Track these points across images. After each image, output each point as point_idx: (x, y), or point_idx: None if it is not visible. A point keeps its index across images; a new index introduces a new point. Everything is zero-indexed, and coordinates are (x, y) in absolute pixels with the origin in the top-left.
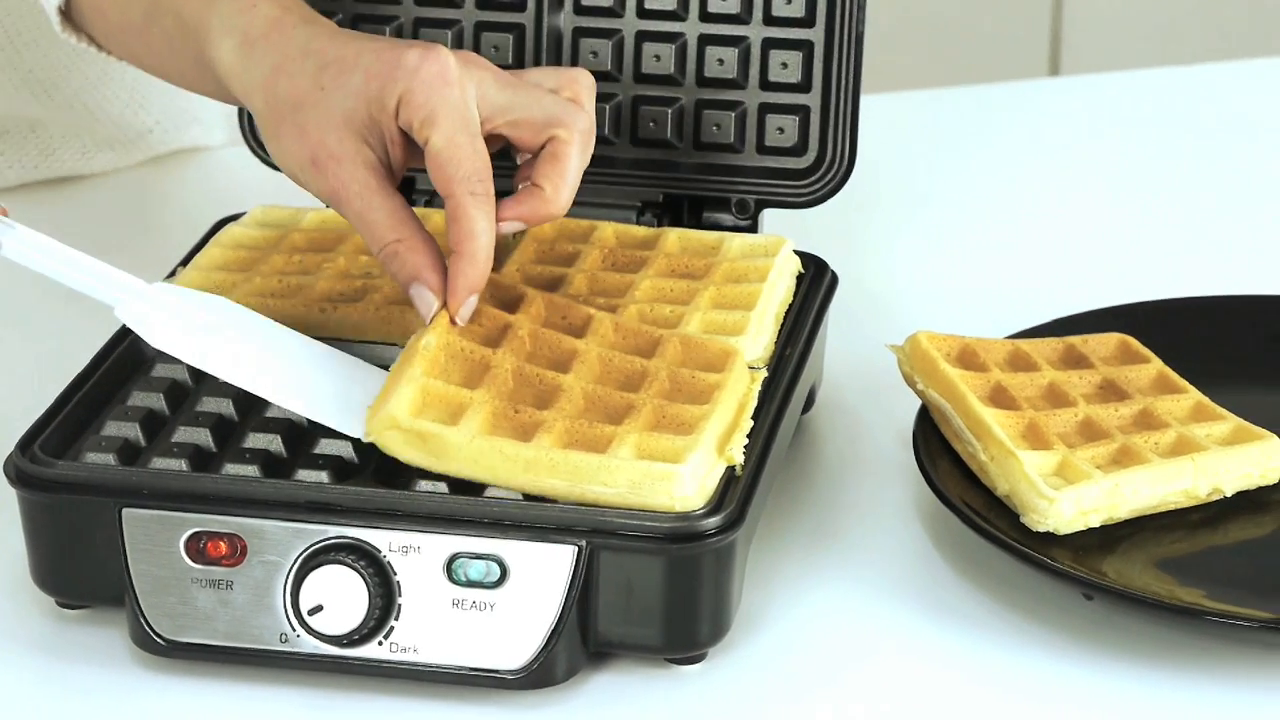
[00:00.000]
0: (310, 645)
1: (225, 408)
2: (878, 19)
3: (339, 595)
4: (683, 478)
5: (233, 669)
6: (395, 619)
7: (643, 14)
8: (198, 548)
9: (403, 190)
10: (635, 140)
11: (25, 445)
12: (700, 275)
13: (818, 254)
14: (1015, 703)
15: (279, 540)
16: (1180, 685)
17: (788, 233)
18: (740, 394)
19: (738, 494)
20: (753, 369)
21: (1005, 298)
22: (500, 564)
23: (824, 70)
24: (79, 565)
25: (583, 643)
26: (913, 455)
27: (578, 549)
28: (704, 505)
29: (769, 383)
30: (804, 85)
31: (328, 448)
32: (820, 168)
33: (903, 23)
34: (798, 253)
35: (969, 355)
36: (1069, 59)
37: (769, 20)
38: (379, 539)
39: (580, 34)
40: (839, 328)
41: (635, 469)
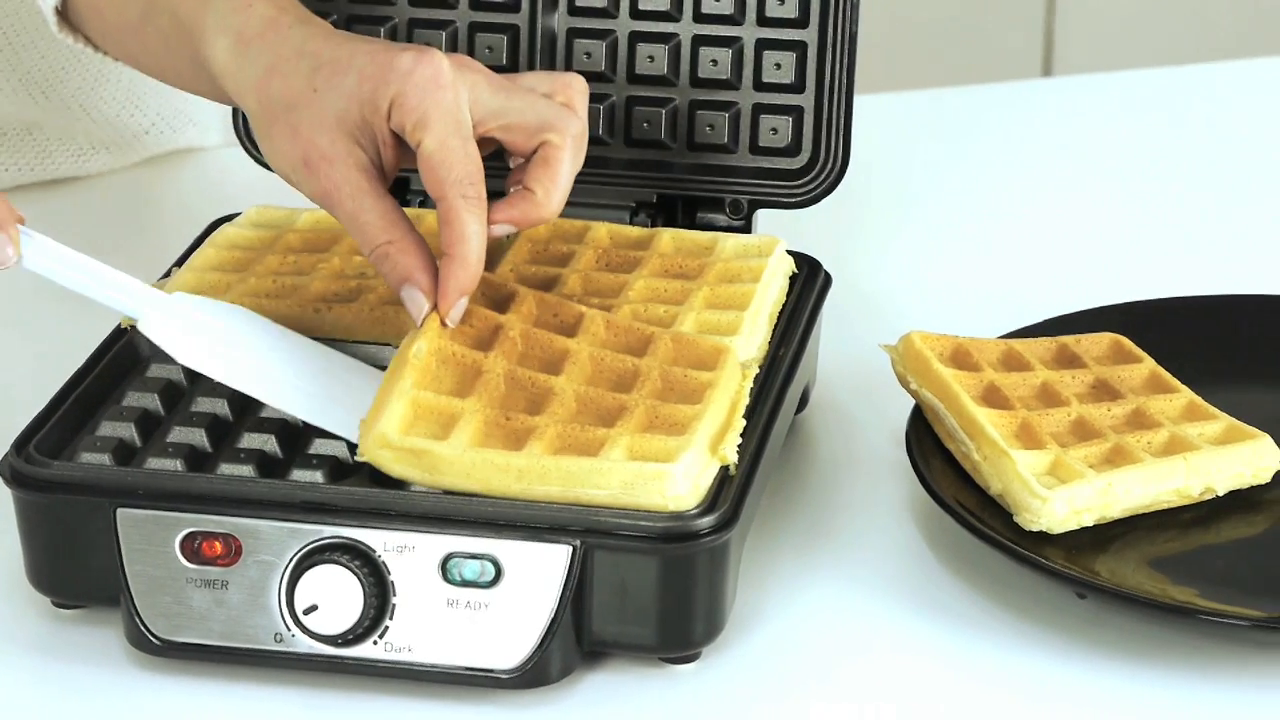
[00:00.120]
0: (305, 645)
1: (220, 408)
2: (871, 20)
3: (334, 595)
4: (675, 477)
5: (228, 669)
6: (390, 619)
7: (636, 15)
8: (193, 548)
9: (396, 191)
10: (629, 141)
11: (20, 445)
12: (694, 275)
13: (811, 254)
14: (1008, 701)
15: (274, 540)
16: (1173, 684)
17: (781, 233)
18: (732, 392)
19: (732, 493)
20: (744, 366)
21: (998, 298)
22: (495, 564)
23: (817, 71)
24: (74, 565)
25: (577, 642)
26: (906, 455)
27: (572, 549)
28: (698, 505)
29: (763, 383)
30: (797, 86)
31: (323, 448)
32: (814, 168)
33: (896, 24)
34: (791, 253)
35: (962, 355)
36: (1061, 60)
37: (762, 21)
38: (374, 539)
39: (574, 35)
40: (832, 328)
41: (627, 470)
